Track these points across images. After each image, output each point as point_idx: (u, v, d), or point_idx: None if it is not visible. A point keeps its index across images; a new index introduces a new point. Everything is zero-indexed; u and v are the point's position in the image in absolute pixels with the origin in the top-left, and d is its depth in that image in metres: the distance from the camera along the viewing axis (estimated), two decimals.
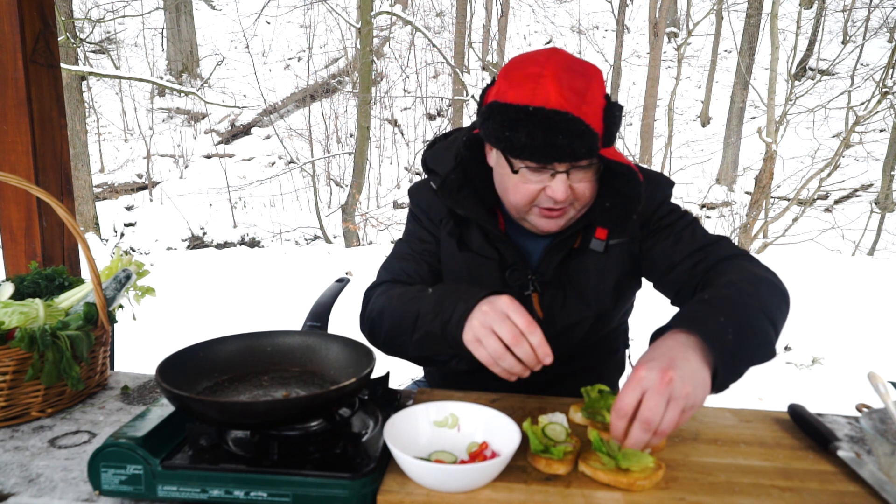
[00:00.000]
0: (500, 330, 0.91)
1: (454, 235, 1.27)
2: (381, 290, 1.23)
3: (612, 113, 1.10)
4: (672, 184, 1.30)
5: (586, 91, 1.07)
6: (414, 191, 1.37)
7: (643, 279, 1.36)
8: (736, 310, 0.93)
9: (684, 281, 1.19)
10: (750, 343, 0.92)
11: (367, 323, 1.22)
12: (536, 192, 1.12)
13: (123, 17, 11.03)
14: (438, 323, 0.99)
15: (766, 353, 0.95)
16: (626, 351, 1.52)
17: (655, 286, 1.30)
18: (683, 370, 0.82)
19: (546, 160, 1.07)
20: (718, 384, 0.87)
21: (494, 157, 1.19)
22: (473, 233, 1.27)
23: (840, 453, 0.93)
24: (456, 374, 1.39)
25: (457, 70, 9.28)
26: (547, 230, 1.19)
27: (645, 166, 1.32)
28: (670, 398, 0.80)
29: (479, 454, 0.89)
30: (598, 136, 1.05)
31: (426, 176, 1.34)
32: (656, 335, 0.93)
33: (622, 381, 1.44)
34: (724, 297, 0.96)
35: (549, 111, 1.03)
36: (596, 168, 1.13)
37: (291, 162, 10.63)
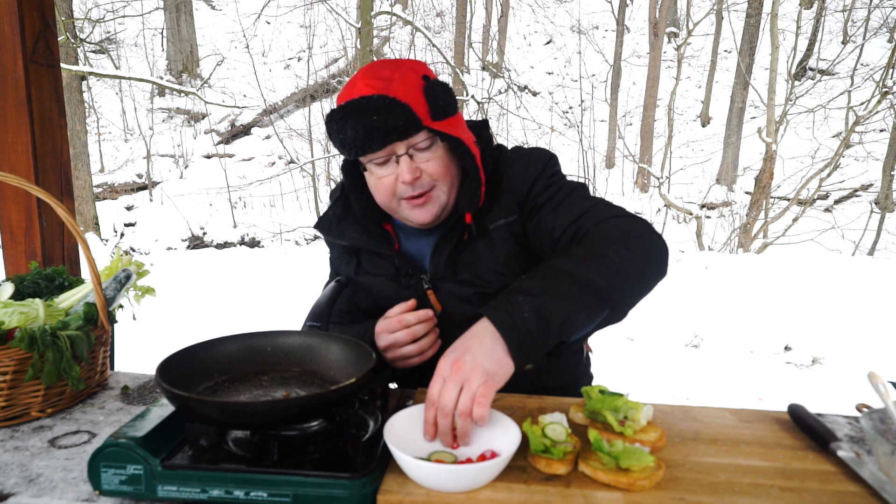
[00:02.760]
0: (388, 326, 1.21)
1: (350, 266, 1.38)
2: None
3: (433, 88, 1.18)
4: (550, 156, 1.31)
5: (393, 75, 1.17)
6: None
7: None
8: (544, 285, 0.97)
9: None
10: (553, 316, 0.94)
11: None
12: (393, 184, 1.21)
13: (123, 17, 11.01)
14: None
15: (583, 319, 0.96)
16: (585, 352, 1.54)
17: None
18: (477, 353, 0.91)
19: (376, 144, 1.16)
20: (525, 357, 0.92)
21: (366, 174, 1.26)
22: (367, 257, 1.37)
23: (840, 453, 0.93)
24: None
25: (457, 70, 9.27)
26: (422, 221, 1.25)
27: (524, 145, 1.36)
28: (463, 383, 0.89)
29: (479, 454, 0.89)
30: (411, 107, 1.14)
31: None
32: None
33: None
34: (538, 275, 1.00)
35: (359, 98, 1.15)
36: (441, 146, 1.21)
37: (291, 162, 10.62)
